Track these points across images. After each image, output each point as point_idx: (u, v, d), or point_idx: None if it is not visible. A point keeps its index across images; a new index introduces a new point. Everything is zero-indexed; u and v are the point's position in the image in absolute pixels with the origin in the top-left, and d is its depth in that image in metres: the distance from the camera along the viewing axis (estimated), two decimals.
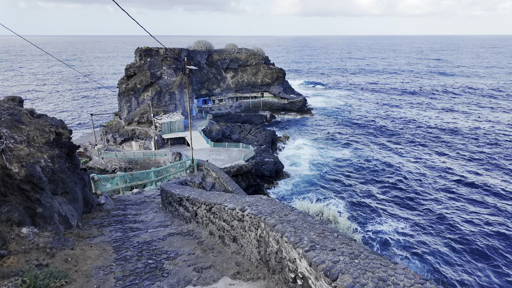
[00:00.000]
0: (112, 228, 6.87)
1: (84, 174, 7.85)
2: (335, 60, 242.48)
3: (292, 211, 4.61)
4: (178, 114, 58.92)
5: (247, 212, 4.86)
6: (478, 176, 47.18)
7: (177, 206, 7.37)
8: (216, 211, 5.74)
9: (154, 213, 8.29)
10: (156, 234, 6.36)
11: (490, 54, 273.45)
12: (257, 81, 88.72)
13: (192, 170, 19.20)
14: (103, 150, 53.07)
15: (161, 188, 8.87)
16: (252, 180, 45.38)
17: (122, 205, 9.60)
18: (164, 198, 8.49)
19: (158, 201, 10.69)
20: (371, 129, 71.76)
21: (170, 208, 7.94)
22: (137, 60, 61.69)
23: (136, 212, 8.61)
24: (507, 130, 67.50)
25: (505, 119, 75.93)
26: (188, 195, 6.84)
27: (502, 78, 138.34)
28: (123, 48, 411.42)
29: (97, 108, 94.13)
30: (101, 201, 9.11)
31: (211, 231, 5.92)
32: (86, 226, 7.16)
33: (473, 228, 35.20)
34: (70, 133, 7.47)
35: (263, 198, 5.41)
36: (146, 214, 8.36)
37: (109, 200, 9.52)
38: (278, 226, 4.03)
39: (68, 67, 72.66)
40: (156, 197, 12.03)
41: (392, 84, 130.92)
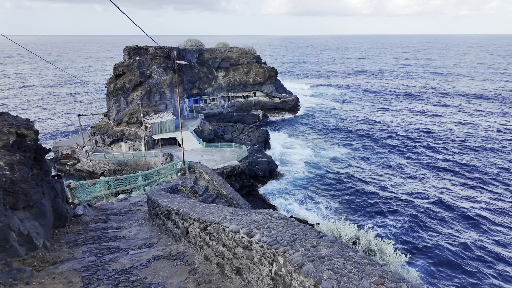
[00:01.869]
0: (87, 248, 5.70)
1: (56, 182, 6.67)
2: (326, 59, 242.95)
3: (321, 239, 3.35)
4: (169, 114, 57.40)
5: (257, 239, 3.60)
6: (472, 172, 47.01)
7: (165, 219, 6.24)
8: (212, 231, 4.54)
9: (139, 226, 7.12)
10: (138, 258, 5.21)
11: (478, 54, 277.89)
12: (249, 80, 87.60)
13: (184, 172, 18.00)
14: (91, 151, 51.29)
15: (147, 196, 7.73)
16: (245, 181, 44.33)
17: (103, 216, 8.41)
18: (151, 208, 7.33)
19: (145, 210, 9.52)
20: (363, 128, 71.38)
21: (157, 221, 6.79)
22: (125, 59, 59.93)
23: (118, 224, 7.43)
24: (499, 128, 67.87)
25: (495, 118, 76.49)
26: (177, 208, 5.68)
27: (491, 79, 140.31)
28: (112, 48, 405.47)
29: (85, 109, 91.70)
30: (78, 212, 7.91)
31: (206, 256, 4.72)
32: (56, 245, 5.98)
33: (472, 226, 34.80)
34: (36, 135, 6.26)
35: (275, 215, 4.24)
36: (129, 227, 7.18)
37: (88, 210, 8.32)
38: (307, 267, 2.76)
39: (55, 67, 70.17)
40: (144, 204, 10.84)
41: (384, 83, 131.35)
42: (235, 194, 16.37)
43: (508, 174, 46.45)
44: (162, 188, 9.35)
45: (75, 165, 51.75)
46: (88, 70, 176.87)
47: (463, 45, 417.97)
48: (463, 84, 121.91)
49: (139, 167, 47.40)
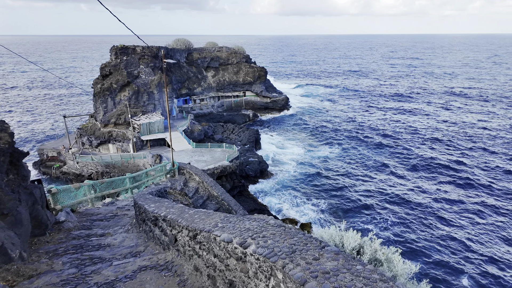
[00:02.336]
0: (67, 259, 5.29)
1: (34, 187, 6.22)
2: (315, 59, 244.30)
3: (324, 250, 3.01)
4: (158, 114, 56.53)
5: (252, 250, 3.26)
6: (459, 171, 47.77)
7: (152, 226, 5.86)
8: (203, 240, 4.16)
9: (124, 233, 6.72)
10: (123, 269, 4.84)
11: (463, 53, 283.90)
12: (239, 80, 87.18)
13: (173, 174, 17.54)
14: (78, 154, 50.13)
15: (134, 200, 7.34)
16: (236, 181, 43.99)
17: (88, 222, 7.97)
18: (138, 213, 6.93)
19: (132, 214, 9.10)
20: (353, 127, 71.89)
21: (144, 227, 6.40)
22: (112, 58, 58.75)
23: (103, 231, 7.01)
24: (484, 126, 69.28)
25: (481, 116, 78.09)
26: (164, 214, 5.30)
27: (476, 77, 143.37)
28: (98, 47, 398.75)
29: (71, 110, 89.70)
30: (60, 219, 7.44)
31: (196, 266, 4.36)
32: (34, 255, 5.55)
33: (463, 223, 35.30)
34: (11, 137, 5.81)
35: (270, 222, 3.89)
36: (115, 233, 6.78)
37: (71, 216, 7.86)
38: (311, 285, 2.42)
39: (39, 67, 68.51)
40: (131, 208, 10.41)
41: (372, 83, 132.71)
42: (226, 196, 16.03)
43: (494, 171, 47.36)
44: (150, 192, 8.95)
45: (61, 168, 50.48)
46: (73, 71, 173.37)
47: (448, 45, 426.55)
48: (449, 83, 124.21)
49: (128, 169, 46.51)
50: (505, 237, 32.51)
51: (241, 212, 14.89)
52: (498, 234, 33.05)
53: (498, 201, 39.15)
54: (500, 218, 35.78)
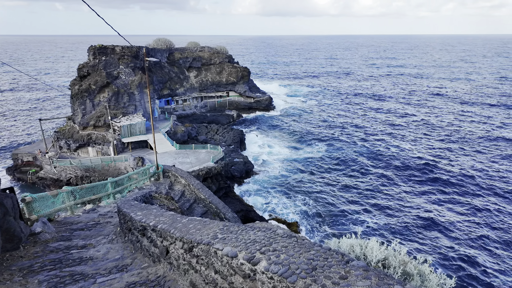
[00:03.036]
0: (44, 276, 4.71)
1: (5, 197, 5.59)
2: (298, 59, 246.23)
3: (349, 265, 2.57)
4: (139, 116, 55.12)
5: (263, 268, 2.76)
6: (444, 160, 49.09)
7: (140, 236, 5.34)
8: (201, 254, 3.69)
9: (108, 244, 6.15)
10: (108, 287, 4.35)
11: (437, 53, 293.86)
12: (222, 80, 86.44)
13: (157, 177, 16.86)
14: (55, 158, 48.10)
15: (118, 207, 6.78)
16: (222, 182, 43.43)
17: (67, 231, 7.33)
18: (122, 221, 6.37)
19: (115, 221, 8.50)
20: (337, 126, 72.71)
21: (131, 237, 5.85)
22: (90, 59, 56.81)
23: (84, 242, 6.41)
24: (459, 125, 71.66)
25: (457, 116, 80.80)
26: (154, 223, 4.77)
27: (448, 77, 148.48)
28: (74, 48, 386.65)
29: (47, 113, 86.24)
30: (36, 230, 6.77)
31: (193, 282, 3.85)
32: (6, 273, 4.93)
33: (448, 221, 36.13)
34: None
35: (279, 232, 3.42)
36: (98, 244, 6.19)
37: (48, 226, 7.19)
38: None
39: (13, 69, 65.70)
40: (114, 215, 9.78)
41: (354, 82, 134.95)
42: (214, 198, 15.54)
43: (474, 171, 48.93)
44: (135, 197, 8.37)
45: (37, 173, 48.29)
46: (48, 72, 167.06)
47: (424, 45, 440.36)
48: (427, 82, 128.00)
49: (108, 173, 45.02)
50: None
51: (229, 214, 14.47)
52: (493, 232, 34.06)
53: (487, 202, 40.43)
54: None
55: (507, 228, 33.65)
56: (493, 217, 35.86)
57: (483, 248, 30.86)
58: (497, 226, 34.17)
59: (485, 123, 70.45)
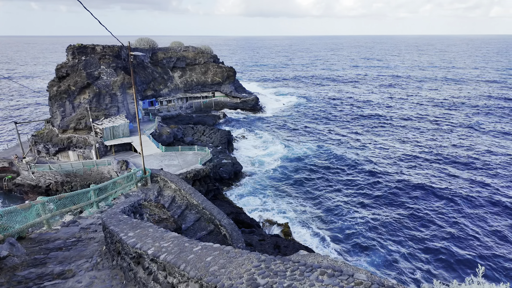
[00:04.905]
0: None
1: None
2: (282, 59, 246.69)
3: None
4: (122, 117, 53.03)
5: None
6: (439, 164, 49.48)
7: (133, 264, 4.22)
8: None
9: (93, 270, 4.97)
10: None
11: (417, 53, 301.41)
12: (207, 80, 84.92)
13: (145, 182, 15.57)
14: (33, 163, 45.54)
15: (103, 224, 5.61)
16: (211, 185, 42.13)
17: (41, 253, 6.11)
18: (109, 241, 5.20)
19: (100, 237, 7.31)
20: (321, 125, 72.61)
21: (120, 262, 4.72)
22: (69, 59, 54.27)
23: (62, 267, 5.21)
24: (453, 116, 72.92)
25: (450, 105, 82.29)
26: (154, 251, 3.55)
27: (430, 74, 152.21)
28: (52, 48, 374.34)
29: (23, 115, 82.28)
30: (1, 254, 5.51)
31: None
32: None
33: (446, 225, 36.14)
34: None
35: (360, 278, 2.45)
36: (79, 271, 5.01)
37: (17, 248, 5.93)
38: None
39: None
40: (98, 229, 8.55)
41: (341, 82, 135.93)
42: (208, 204, 14.40)
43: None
44: (122, 209, 7.16)
45: (14, 180, 45.59)
46: (24, 73, 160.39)
47: (404, 45, 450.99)
48: (414, 82, 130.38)
49: (91, 177, 42.92)
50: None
51: (225, 221, 13.37)
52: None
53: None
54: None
55: None
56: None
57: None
58: None
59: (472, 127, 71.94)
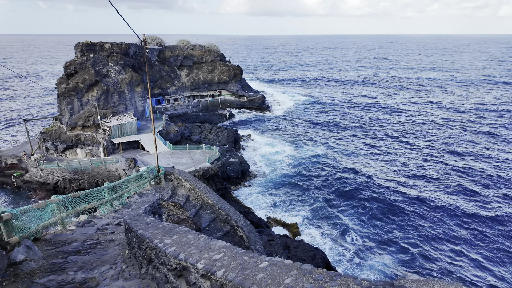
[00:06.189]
0: None
1: None
2: (288, 58, 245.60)
3: None
4: (130, 115, 52.83)
5: None
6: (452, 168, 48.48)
7: (172, 276, 3.67)
8: None
9: (120, 280, 4.42)
10: None
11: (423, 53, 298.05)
12: (214, 79, 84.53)
13: (159, 181, 15.13)
14: (42, 160, 45.51)
15: (126, 226, 5.10)
16: (219, 184, 41.74)
17: (59, 256, 5.64)
18: (136, 246, 4.68)
19: (119, 239, 6.83)
20: (329, 124, 71.77)
21: (152, 271, 4.19)
22: (78, 56, 54.18)
23: (84, 275, 4.71)
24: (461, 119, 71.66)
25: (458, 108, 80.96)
26: (205, 266, 2.92)
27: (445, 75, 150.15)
28: (60, 48, 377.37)
29: (32, 113, 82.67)
30: (17, 258, 5.04)
31: None
32: None
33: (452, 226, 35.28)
34: None
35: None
36: (103, 279, 4.50)
37: (34, 251, 5.48)
38: None
39: (3, 66, 62.21)
40: (116, 230, 8.09)
41: (349, 80, 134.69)
42: (223, 204, 13.90)
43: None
44: (144, 209, 6.70)
45: (22, 176, 45.63)
46: (33, 72, 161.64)
47: (412, 45, 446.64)
48: (425, 82, 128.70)
49: (99, 175, 42.77)
50: None
51: (242, 222, 12.86)
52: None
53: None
54: None
55: None
56: None
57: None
58: None
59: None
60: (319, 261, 24.75)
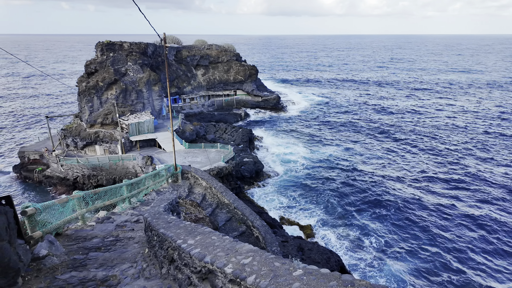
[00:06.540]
0: None
1: None
2: (304, 58, 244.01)
3: None
4: (147, 113, 53.64)
5: None
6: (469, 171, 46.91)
7: (197, 279, 3.55)
8: None
9: (141, 279, 4.38)
10: None
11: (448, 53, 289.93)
12: (230, 79, 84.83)
13: (176, 179, 15.22)
14: (62, 156, 46.79)
15: (147, 224, 5.07)
16: (233, 183, 41.79)
17: (80, 252, 5.68)
18: (157, 245, 4.62)
19: (139, 237, 6.84)
20: (345, 125, 70.67)
21: (173, 271, 4.11)
22: (98, 55, 55.50)
23: (105, 272, 4.71)
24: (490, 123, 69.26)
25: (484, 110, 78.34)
26: (234, 270, 2.72)
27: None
28: (80, 47, 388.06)
29: (54, 110, 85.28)
30: (40, 253, 5.10)
31: None
32: None
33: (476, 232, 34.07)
34: None
35: None
36: (124, 278, 4.48)
37: (56, 246, 5.53)
38: None
39: (29, 66, 64.50)
40: (134, 226, 8.12)
41: (363, 81, 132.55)
42: (239, 203, 13.83)
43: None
44: (164, 208, 6.67)
45: (44, 172, 47.05)
46: (55, 71, 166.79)
47: (432, 45, 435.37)
48: (444, 84, 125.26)
49: (116, 172, 43.60)
50: None
51: (258, 223, 12.74)
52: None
53: None
54: None
55: None
56: None
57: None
58: None
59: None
60: (333, 264, 24.33)
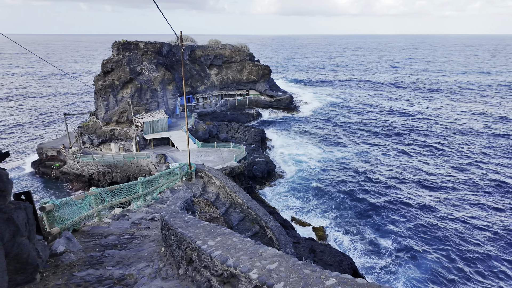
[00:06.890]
0: None
1: (15, 209, 3.92)
2: (318, 58, 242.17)
3: None
4: (161, 112, 54.22)
5: None
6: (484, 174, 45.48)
7: (218, 283, 3.42)
8: None
9: (158, 280, 4.31)
10: None
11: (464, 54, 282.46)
12: (243, 78, 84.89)
13: (190, 177, 15.24)
14: (79, 153, 47.82)
15: (164, 223, 5.00)
16: (244, 182, 41.74)
17: (96, 249, 5.68)
18: (174, 244, 4.54)
19: (154, 235, 6.81)
20: (359, 127, 69.60)
21: (191, 273, 4.01)
22: (114, 54, 56.46)
23: (122, 271, 4.66)
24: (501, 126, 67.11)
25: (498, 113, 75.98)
26: (260, 276, 2.61)
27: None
28: (98, 47, 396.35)
29: (71, 108, 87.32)
30: (58, 249, 5.11)
31: None
32: None
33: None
34: None
35: None
36: (140, 276, 4.42)
37: (73, 243, 5.53)
38: None
39: (50, 65, 66.28)
40: (150, 224, 8.11)
41: (378, 82, 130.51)
42: (253, 203, 13.71)
43: None
44: (180, 206, 6.63)
45: (61, 168, 48.21)
46: (72, 69, 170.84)
47: (450, 45, 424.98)
48: (459, 85, 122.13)
49: (130, 169, 44.22)
50: None
51: (271, 223, 12.60)
52: None
53: None
54: None
55: None
56: None
57: None
58: None
59: None
60: (346, 267, 23.95)
